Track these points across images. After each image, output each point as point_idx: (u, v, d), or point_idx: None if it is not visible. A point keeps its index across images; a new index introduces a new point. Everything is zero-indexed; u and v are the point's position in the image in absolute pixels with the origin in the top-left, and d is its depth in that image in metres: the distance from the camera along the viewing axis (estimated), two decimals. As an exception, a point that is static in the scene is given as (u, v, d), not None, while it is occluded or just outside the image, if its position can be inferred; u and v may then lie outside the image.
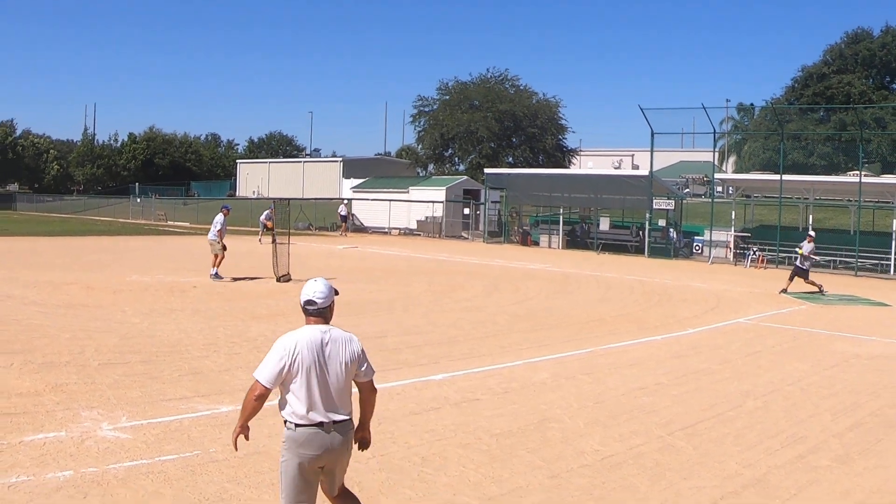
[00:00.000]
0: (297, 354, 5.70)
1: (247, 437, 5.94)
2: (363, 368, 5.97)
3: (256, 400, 5.70)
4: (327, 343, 5.81)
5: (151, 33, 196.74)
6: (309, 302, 5.88)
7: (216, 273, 24.61)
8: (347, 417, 5.88)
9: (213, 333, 15.98)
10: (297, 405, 5.71)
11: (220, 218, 25.16)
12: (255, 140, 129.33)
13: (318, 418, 5.71)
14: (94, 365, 12.76)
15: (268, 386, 5.67)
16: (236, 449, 6.14)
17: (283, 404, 5.80)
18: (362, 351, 5.99)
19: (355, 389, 6.10)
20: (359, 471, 8.39)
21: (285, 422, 5.79)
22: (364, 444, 6.25)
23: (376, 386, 6.28)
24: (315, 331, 5.82)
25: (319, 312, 5.91)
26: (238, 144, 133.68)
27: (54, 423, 9.74)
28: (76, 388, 11.38)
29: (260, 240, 41.25)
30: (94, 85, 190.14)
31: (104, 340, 14.75)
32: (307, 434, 5.71)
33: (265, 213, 41.84)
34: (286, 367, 5.68)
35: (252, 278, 25.28)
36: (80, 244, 39.53)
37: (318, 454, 5.75)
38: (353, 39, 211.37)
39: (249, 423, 5.91)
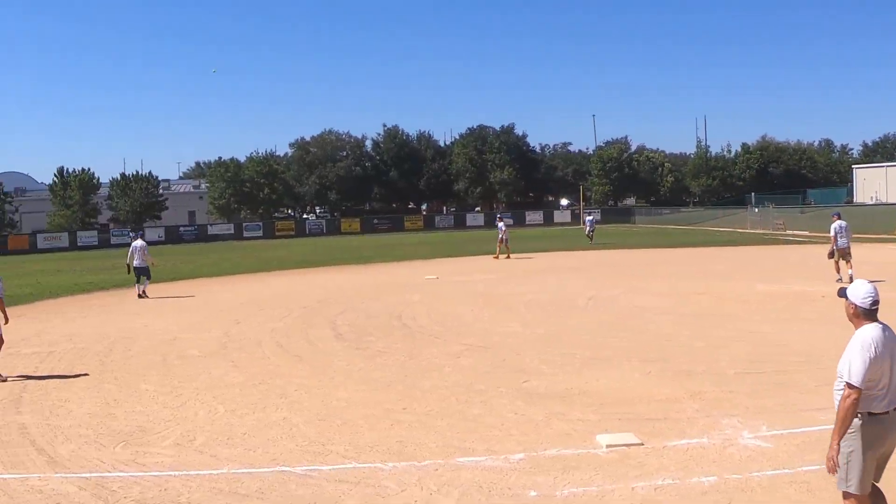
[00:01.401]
0: (878, 352, 5.91)
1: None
2: None
3: (854, 404, 5.88)
4: (891, 338, 6.04)
5: (754, 46, 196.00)
6: (875, 303, 6.12)
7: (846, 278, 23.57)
8: None
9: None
10: (873, 398, 5.92)
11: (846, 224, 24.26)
12: (870, 144, 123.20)
13: (888, 407, 5.95)
14: (729, 374, 12.81)
15: (862, 388, 5.87)
16: (834, 471, 6.10)
17: None
18: None
19: None
20: None
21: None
22: None
23: None
24: (878, 329, 6.05)
25: (877, 312, 6.13)
26: (852, 149, 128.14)
27: (696, 429, 9.91)
28: (714, 395, 11.50)
29: None
30: (704, 98, 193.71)
31: (737, 349, 14.79)
32: (880, 422, 5.94)
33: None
34: (870, 366, 5.87)
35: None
36: (703, 254, 40.21)
37: (884, 440, 6.00)
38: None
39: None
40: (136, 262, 27.25)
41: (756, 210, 75.45)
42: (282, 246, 63.18)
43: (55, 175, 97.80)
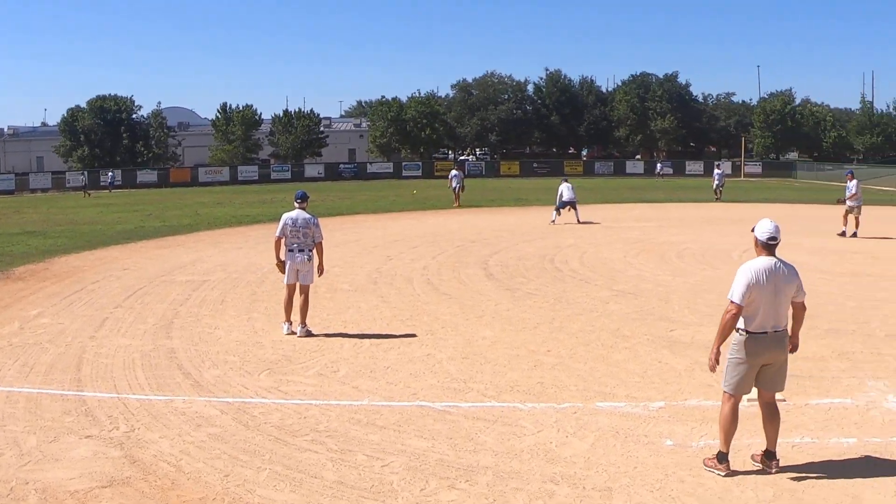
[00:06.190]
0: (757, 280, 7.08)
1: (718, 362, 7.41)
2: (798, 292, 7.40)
3: (732, 318, 7.26)
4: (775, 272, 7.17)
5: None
6: (772, 238, 7.23)
7: None
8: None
9: None
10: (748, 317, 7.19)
11: None
12: None
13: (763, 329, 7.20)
14: (879, 335, 12.38)
15: (740, 304, 7.18)
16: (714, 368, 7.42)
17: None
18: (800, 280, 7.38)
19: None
20: None
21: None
22: (793, 349, 7.60)
23: None
24: (769, 261, 7.20)
25: (775, 248, 7.27)
26: None
27: (839, 389, 9.68)
28: (861, 356, 11.16)
29: None
30: (871, 53, 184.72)
31: (891, 310, 14.23)
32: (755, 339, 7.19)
33: None
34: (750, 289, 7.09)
35: None
36: (864, 213, 38.34)
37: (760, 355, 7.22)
38: None
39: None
40: None
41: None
42: (440, 185, 63.55)
43: (218, 111, 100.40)
